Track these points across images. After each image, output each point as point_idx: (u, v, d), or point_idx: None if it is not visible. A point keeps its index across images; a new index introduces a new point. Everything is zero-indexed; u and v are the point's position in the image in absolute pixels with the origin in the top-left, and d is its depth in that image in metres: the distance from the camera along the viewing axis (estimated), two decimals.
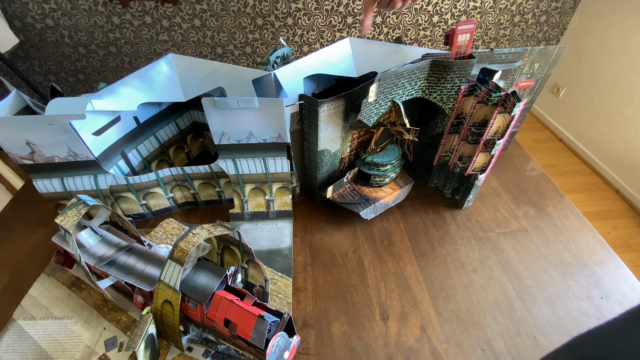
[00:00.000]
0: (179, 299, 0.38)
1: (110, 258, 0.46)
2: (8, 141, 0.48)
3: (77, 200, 0.44)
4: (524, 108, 0.68)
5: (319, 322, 0.47)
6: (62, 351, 0.43)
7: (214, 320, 0.38)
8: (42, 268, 0.53)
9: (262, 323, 0.36)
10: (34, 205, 0.64)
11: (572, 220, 0.62)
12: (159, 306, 0.40)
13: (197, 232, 0.40)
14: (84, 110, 0.47)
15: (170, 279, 0.38)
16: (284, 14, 1.59)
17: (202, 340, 0.44)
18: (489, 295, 0.50)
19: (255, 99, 0.48)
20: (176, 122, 0.66)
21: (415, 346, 0.44)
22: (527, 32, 1.81)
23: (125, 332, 0.45)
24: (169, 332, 0.42)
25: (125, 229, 0.52)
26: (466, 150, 0.57)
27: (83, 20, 1.53)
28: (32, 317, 0.47)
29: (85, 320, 0.46)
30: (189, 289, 0.39)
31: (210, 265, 0.42)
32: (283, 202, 0.60)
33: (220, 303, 0.38)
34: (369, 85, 0.48)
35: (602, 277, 0.53)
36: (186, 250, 0.38)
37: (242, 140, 0.53)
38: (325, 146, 0.55)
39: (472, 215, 0.62)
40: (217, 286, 0.39)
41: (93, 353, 0.43)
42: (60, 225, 0.41)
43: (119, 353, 0.43)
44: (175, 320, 0.40)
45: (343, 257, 0.55)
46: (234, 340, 0.39)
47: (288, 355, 0.39)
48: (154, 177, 0.57)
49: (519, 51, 0.57)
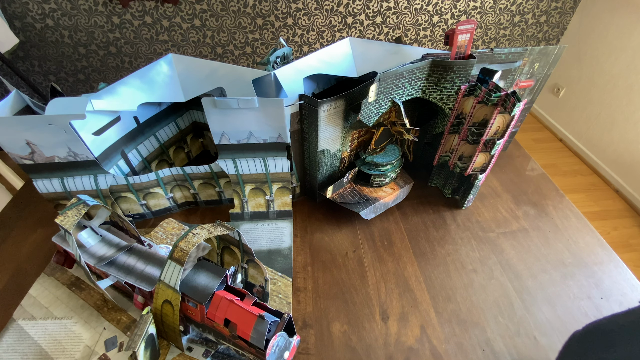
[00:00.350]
0: (179, 299, 0.38)
1: (110, 258, 0.46)
2: (8, 141, 0.48)
3: (77, 200, 0.44)
4: (523, 108, 0.68)
5: (319, 322, 0.47)
6: (62, 351, 0.43)
7: (214, 320, 0.38)
8: (42, 268, 0.53)
9: (262, 323, 0.36)
10: (34, 205, 0.64)
11: (572, 220, 0.62)
12: (159, 306, 0.40)
13: (197, 232, 0.40)
14: (84, 110, 0.47)
15: (170, 279, 0.38)
16: (284, 14, 1.59)
17: (202, 340, 0.44)
18: (489, 295, 0.50)
19: (255, 99, 0.48)
20: (176, 122, 0.66)
21: (415, 346, 0.44)
22: (527, 32, 1.81)
23: (125, 332, 0.45)
24: (169, 332, 0.42)
25: (125, 229, 0.52)
26: (466, 150, 0.57)
27: (83, 20, 1.53)
28: (32, 317, 0.47)
29: (85, 320, 0.46)
30: (189, 289, 0.39)
31: (210, 265, 0.42)
32: (283, 202, 0.60)
33: (220, 303, 0.38)
34: (369, 85, 0.48)
35: (602, 277, 0.53)
36: (186, 250, 0.38)
37: (242, 140, 0.53)
38: (325, 146, 0.55)
39: (472, 215, 0.62)
40: (217, 286, 0.39)
41: (93, 353, 0.43)
42: (60, 225, 0.41)
43: (119, 353, 0.43)
44: (175, 320, 0.40)
45: (343, 257, 0.55)
46: (234, 340, 0.39)
47: (288, 355, 0.39)
48: (154, 177, 0.57)
49: (519, 51, 0.57)
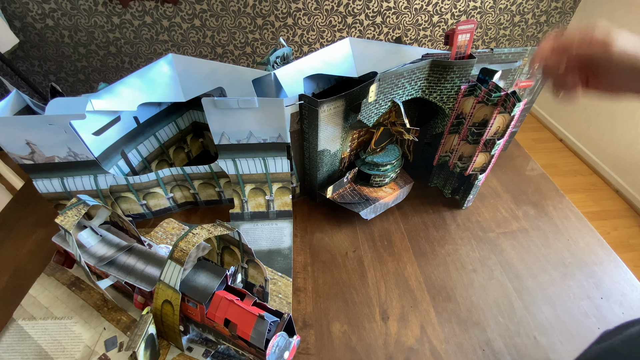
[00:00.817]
0: (179, 299, 0.38)
1: (110, 258, 0.46)
2: (8, 141, 0.48)
3: (77, 200, 0.44)
4: (523, 108, 0.68)
5: (319, 322, 0.47)
6: (62, 351, 0.43)
7: (214, 320, 0.38)
8: (42, 268, 0.53)
9: (262, 323, 0.36)
10: (34, 205, 0.64)
11: (572, 221, 0.62)
12: (159, 306, 0.40)
13: (197, 232, 0.40)
14: (84, 110, 0.47)
15: (170, 279, 0.38)
16: (284, 14, 1.59)
17: (202, 340, 0.44)
18: (489, 295, 0.50)
19: (255, 99, 0.48)
20: (176, 122, 0.66)
21: (415, 346, 0.44)
22: (527, 32, 1.81)
23: (125, 332, 0.45)
24: (169, 332, 0.42)
25: (126, 229, 0.52)
26: (466, 150, 0.57)
27: (83, 20, 1.53)
28: (32, 317, 0.47)
29: (85, 320, 0.46)
30: (189, 288, 0.39)
31: (210, 265, 0.42)
32: (283, 202, 0.60)
33: (220, 303, 0.38)
34: (369, 85, 0.48)
35: (602, 277, 0.53)
36: (186, 250, 0.38)
37: (242, 140, 0.53)
38: (325, 146, 0.55)
39: (472, 215, 0.62)
40: (217, 286, 0.39)
41: (93, 353, 0.43)
42: (60, 225, 0.41)
43: (119, 353, 0.43)
44: (175, 320, 0.40)
45: (343, 257, 0.55)
46: (234, 340, 0.39)
47: (288, 355, 0.39)
48: (154, 177, 0.57)
49: (519, 51, 0.57)
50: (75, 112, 0.47)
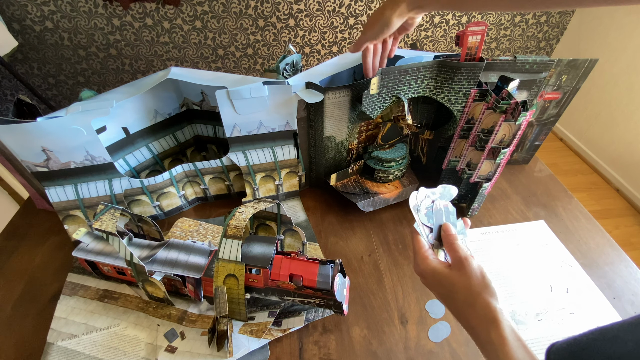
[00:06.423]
0: (242, 269, 0.41)
1: (149, 257, 0.47)
2: (23, 148, 0.47)
3: (105, 207, 0.45)
4: (547, 121, 0.67)
5: (339, 327, 0.47)
6: (124, 354, 0.44)
7: (278, 279, 0.42)
8: (57, 277, 0.53)
9: (325, 268, 0.42)
10: (43, 214, 0.63)
11: (582, 221, 0.63)
12: (220, 283, 0.42)
13: (243, 210, 0.44)
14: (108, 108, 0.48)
15: (230, 254, 0.42)
16: (285, 15, 1.58)
17: (262, 307, 0.47)
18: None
19: (266, 87, 0.50)
20: (174, 135, 0.65)
21: (435, 349, 0.45)
22: (528, 32, 1.82)
23: (181, 323, 0.46)
24: (232, 306, 0.44)
25: (143, 234, 0.52)
26: (474, 157, 0.57)
27: (83, 23, 1.52)
28: (72, 335, 0.46)
29: (135, 323, 0.47)
30: (249, 259, 0.42)
31: (259, 237, 0.46)
32: (291, 184, 0.64)
33: (282, 263, 0.42)
34: (371, 78, 0.50)
35: (613, 277, 0.53)
36: (239, 227, 0.42)
37: (253, 131, 0.55)
38: (331, 132, 0.57)
39: (484, 218, 0.63)
40: (274, 251, 0.44)
41: (157, 347, 0.44)
42: (100, 229, 0.42)
43: (183, 341, 0.45)
44: (240, 291, 0.42)
45: (359, 261, 0.55)
46: (299, 292, 0.42)
47: (346, 292, 0.45)
48: (168, 177, 0.58)
49: (544, 61, 0.54)
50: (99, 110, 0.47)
